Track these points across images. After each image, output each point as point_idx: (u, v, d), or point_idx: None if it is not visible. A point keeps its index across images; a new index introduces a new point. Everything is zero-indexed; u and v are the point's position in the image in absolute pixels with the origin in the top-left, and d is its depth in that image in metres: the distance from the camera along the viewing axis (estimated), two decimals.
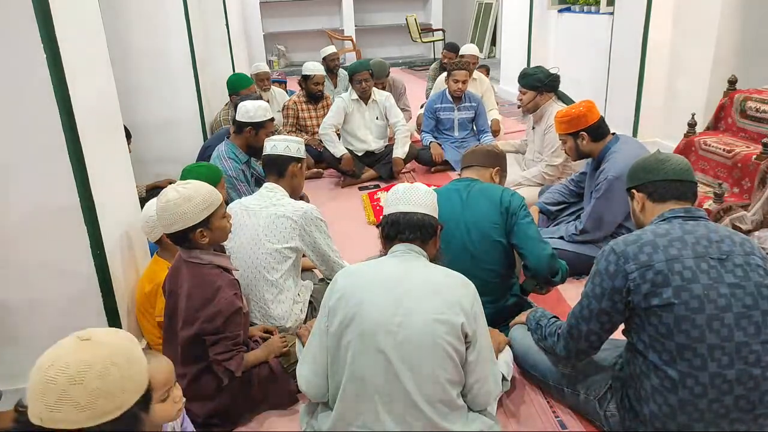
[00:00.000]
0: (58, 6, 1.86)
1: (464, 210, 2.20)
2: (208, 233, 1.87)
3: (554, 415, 1.98)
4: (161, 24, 4.19)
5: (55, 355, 1.00)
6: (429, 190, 1.74)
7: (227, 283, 1.89)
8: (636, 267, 1.54)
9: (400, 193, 1.70)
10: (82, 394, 0.94)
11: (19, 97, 1.86)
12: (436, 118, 4.71)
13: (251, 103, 3.16)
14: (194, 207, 1.82)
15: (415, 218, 1.65)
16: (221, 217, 1.92)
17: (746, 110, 3.34)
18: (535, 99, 3.60)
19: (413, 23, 10.21)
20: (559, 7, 6.51)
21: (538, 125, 3.71)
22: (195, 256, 1.90)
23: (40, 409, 0.94)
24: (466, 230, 2.18)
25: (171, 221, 1.82)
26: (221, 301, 1.84)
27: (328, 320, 1.58)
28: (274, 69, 10.08)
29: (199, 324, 1.83)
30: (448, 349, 1.49)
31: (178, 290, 1.89)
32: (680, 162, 1.70)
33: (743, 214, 2.87)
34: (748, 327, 1.47)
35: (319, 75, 4.86)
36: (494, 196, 2.20)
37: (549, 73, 3.61)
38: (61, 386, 0.94)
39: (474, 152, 2.44)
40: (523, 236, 2.15)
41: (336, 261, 2.41)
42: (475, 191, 2.24)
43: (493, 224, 2.17)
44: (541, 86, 3.55)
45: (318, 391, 1.66)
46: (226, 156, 3.14)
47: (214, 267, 1.91)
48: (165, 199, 1.83)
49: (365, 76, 4.38)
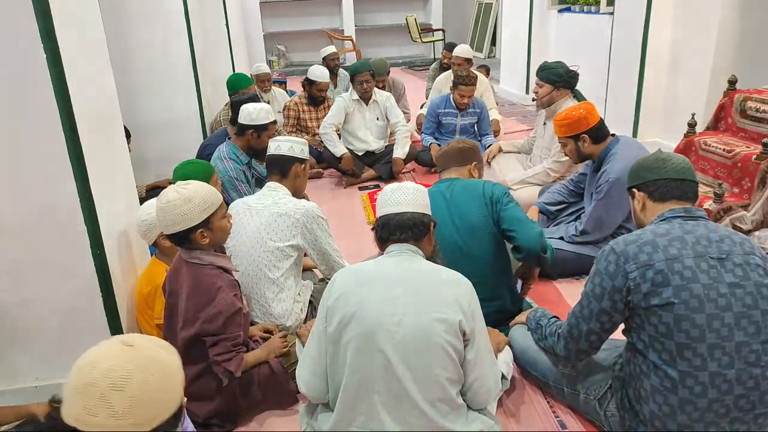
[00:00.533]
0: (58, 5, 1.86)
1: (450, 209, 2.23)
2: (208, 234, 1.87)
3: (554, 415, 1.98)
4: (161, 24, 4.19)
5: (98, 358, 0.98)
6: (418, 188, 1.73)
7: (227, 283, 1.89)
8: (636, 267, 1.54)
9: (389, 195, 1.70)
10: (121, 401, 0.93)
11: (19, 97, 1.86)
12: (438, 121, 4.67)
13: (253, 106, 3.15)
14: (194, 207, 1.82)
15: (405, 218, 1.65)
16: (221, 217, 1.92)
17: (746, 110, 3.34)
18: (551, 93, 3.54)
19: (413, 23, 10.21)
20: (559, 7, 6.52)
21: (550, 121, 3.67)
22: (195, 256, 1.89)
23: (77, 411, 0.93)
24: (455, 229, 2.20)
25: (172, 222, 1.82)
26: (221, 301, 1.84)
27: (327, 321, 1.58)
28: (274, 69, 10.08)
29: (200, 324, 1.83)
30: (447, 348, 1.50)
31: (179, 290, 1.89)
32: (681, 161, 1.70)
33: (743, 214, 2.86)
34: (748, 326, 1.47)
35: (324, 83, 4.86)
36: (476, 190, 2.25)
37: (569, 69, 3.55)
38: (102, 390, 0.93)
39: (446, 154, 2.45)
40: (510, 219, 2.18)
41: (336, 260, 2.41)
42: (458, 189, 2.28)
43: (480, 217, 2.20)
44: (559, 81, 3.50)
45: (318, 392, 1.66)
46: (227, 157, 3.14)
47: (215, 268, 1.90)
48: (165, 200, 1.82)
49: (366, 77, 4.38)
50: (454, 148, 2.46)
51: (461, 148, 2.44)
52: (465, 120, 4.61)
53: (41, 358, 2.13)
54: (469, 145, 2.47)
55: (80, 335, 2.08)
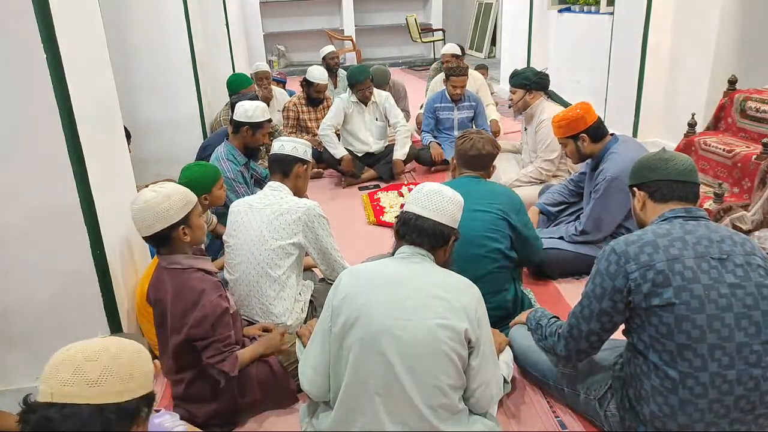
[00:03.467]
0: (58, 6, 1.86)
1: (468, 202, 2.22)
2: (189, 231, 1.86)
3: (554, 415, 1.98)
4: (161, 24, 4.19)
5: (75, 343, 1.07)
6: (454, 198, 1.68)
7: (211, 285, 1.86)
8: (637, 267, 1.54)
9: (423, 194, 1.66)
10: (95, 369, 0.99)
11: (19, 97, 1.86)
12: (436, 117, 4.72)
13: (249, 103, 3.15)
14: (174, 204, 1.81)
15: (427, 225, 1.62)
16: (198, 215, 1.92)
17: (746, 110, 3.34)
18: (524, 98, 3.62)
19: (413, 23, 10.21)
20: (559, 7, 6.51)
21: (529, 125, 3.72)
22: (175, 261, 1.86)
23: (52, 385, 0.99)
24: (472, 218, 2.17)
25: (153, 220, 1.80)
26: (207, 305, 1.81)
27: (332, 320, 1.58)
28: (274, 69, 10.09)
29: (187, 330, 1.81)
30: (451, 355, 1.49)
31: (165, 298, 1.86)
32: (685, 162, 1.68)
33: (743, 214, 2.86)
34: (749, 327, 1.47)
35: (322, 84, 4.85)
36: (495, 199, 2.30)
37: (537, 71, 3.63)
38: (77, 362, 1.00)
39: (473, 157, 2.38)
40: (520, 238, 2.33)
41: (337, 260, 2.41)
42: (476, 192, 2.27)
43: (489, 229, 2.24)
44: (530, 84, 3.57)
45: (320, 390, 1.66)
46: (224, 158, 3.13)
47: (196, 270, 1.88)
48: (143, 199, 1.80)
49: (366, 85, 4.39)
50: (475, 150, 2.36)
51: (480, 157, 2.37)
52: (462, 114, 4.66)
53: (41, 358, 2.10)
54: (487, 151, 2.38)
55: (80, 335, 2.04)
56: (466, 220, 1.74)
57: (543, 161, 3.61)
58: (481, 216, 2.23)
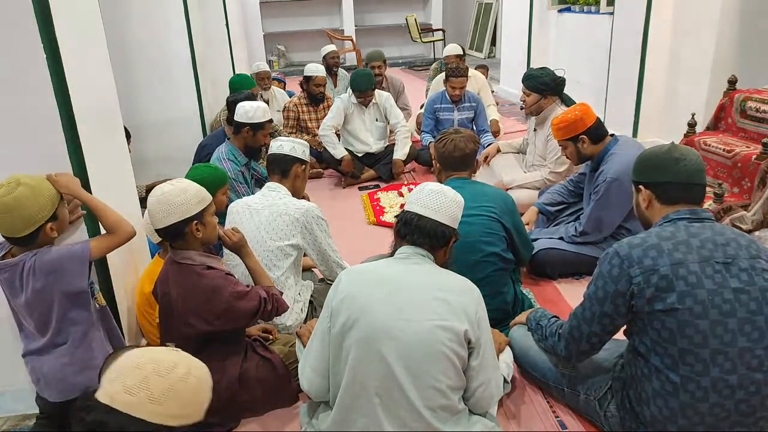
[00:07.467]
0: (58, 6, 1.85)
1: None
2: (202, 228, 1.87)
3: (554, 416, 1.98)
4: (161, 24, 4.19)
5: (148, 350, 1.04)
6: (456, 199, 1.68)
7: (229, 282, 1.88)
8: (640, 271, 1.53)
9: (424, 194, 1.66)
10: (160, 387, 0.97)
11: (19, 97, 1.86)
12: (436, 118, 4.71)
13: (250, 104, 3.14)
14: (190, 198, 1.83)
15: (428, 225, 1.62)
16: (212, 214, 1.93)
17: (746, 110, 3.34)
18: (538, 102, 3.50)
19: (413, 23, 10.21)
20: (559, 7, 6.51)
21: (540, 129, 3.63)
22: (187, 256, 1.88)
23: (116, 389, 0.96)
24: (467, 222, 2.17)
25: (168, 212, 1.81)
26: (240, 306, 1.87)
27: (331, 320, 1.58)
28: (274, 69, 10.09)
29: (227, 324, 1.87)
30: (451, 356, 1.49)
31: (174, 291, 1.87)
32: (694, 163, 1.62)
33: (743, 214, 2.86)
34: (752, 332, 1.46)
35: (320, 77, 4.85)
36: (488, 202, 2.28)
37: (555, 75, 3.50)
38: (146, 373, 0.98)
39: (453, 158, 2.36)
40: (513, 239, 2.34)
41: (336, 261, 2.41)
42: (471, 187, 2.28)
43: (484, 231, 2.23)
44: (546, 90, 3.45)
45: (319, 390, 1.65)
46: (225, 158, 3.13)
47: (206, 268, 1.88)
48: (161, 191, 1.83)
49: (368, 94, 4.40)
50: (459, 151, 2.35)
51: (464, 156, 2.36)
52: (462, 114, 4.65)
53: None
54: (470, 149, 2.38)
55: None
56: (461, 224, 1.73)
57: (550, 173, 3.55)
58: (475, 220, 2.21)
